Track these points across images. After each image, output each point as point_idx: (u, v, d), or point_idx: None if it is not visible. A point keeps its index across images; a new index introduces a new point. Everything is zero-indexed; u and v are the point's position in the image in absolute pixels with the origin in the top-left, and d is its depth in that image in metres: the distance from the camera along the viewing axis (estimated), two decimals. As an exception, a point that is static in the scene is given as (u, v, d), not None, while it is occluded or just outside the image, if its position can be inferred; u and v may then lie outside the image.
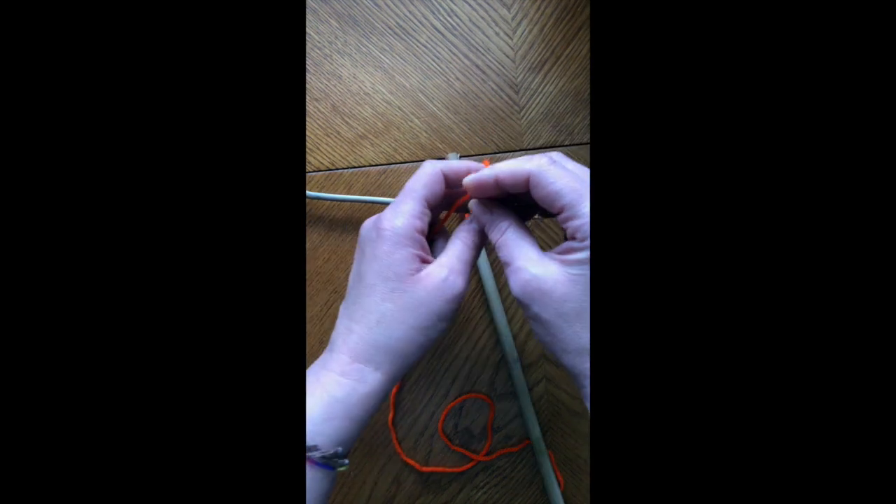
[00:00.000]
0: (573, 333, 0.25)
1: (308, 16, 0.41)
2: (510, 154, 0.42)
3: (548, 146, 0.42)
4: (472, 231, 0.30)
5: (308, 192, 0.40)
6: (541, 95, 0.42)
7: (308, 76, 0.41)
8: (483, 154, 0.42)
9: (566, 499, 0.42)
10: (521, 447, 0.42)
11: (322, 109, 0.41)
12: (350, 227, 0.41)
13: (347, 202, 0.41)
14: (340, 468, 0.28)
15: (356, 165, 0.41)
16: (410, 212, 0.28)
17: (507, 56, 0.41)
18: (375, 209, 0.41)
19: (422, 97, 0.41)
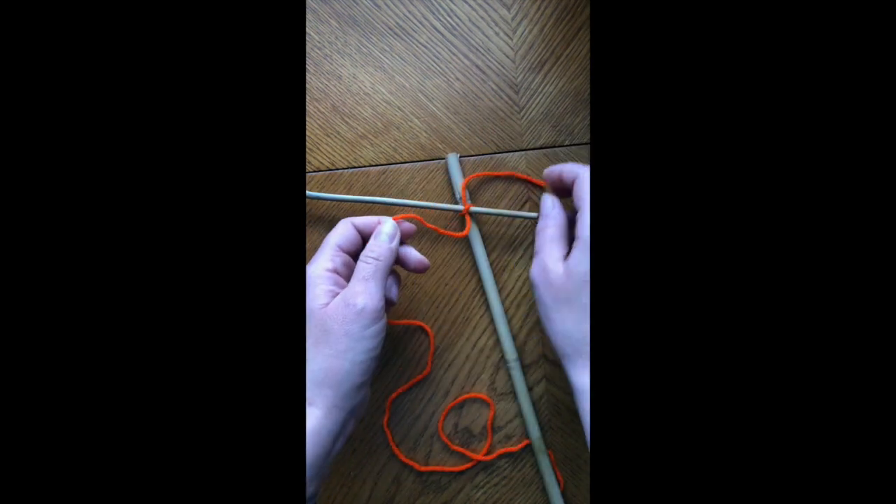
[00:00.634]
0: (560, 316, 0.31)
1: (308, 16, 0.41)
2: (510, 154, 0.42)
3: (548, 146, 0.42)
4: (371, 246, 0.33)
5: (308, 192, 0.40)
6: (541, 95, 0.42)
7: (308, 76, 0.41)
8: (483, 154, 0.42)
9: (566, 499, 0.42)
10: (521, 447, 0.42)
11: (322, 109, 0.41)
12: (350, 227, 0.41)
13: (347, 202, 0.41)
14: None
15: (356, 165, 0.41)
16: (322, 257, 0.32)
17: (507, 56, 0.41)
18: (375, 209, 0.41)
19: (422, 97, 0.41)
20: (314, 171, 0.41)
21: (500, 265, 0.42)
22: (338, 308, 0.30)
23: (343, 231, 0.34)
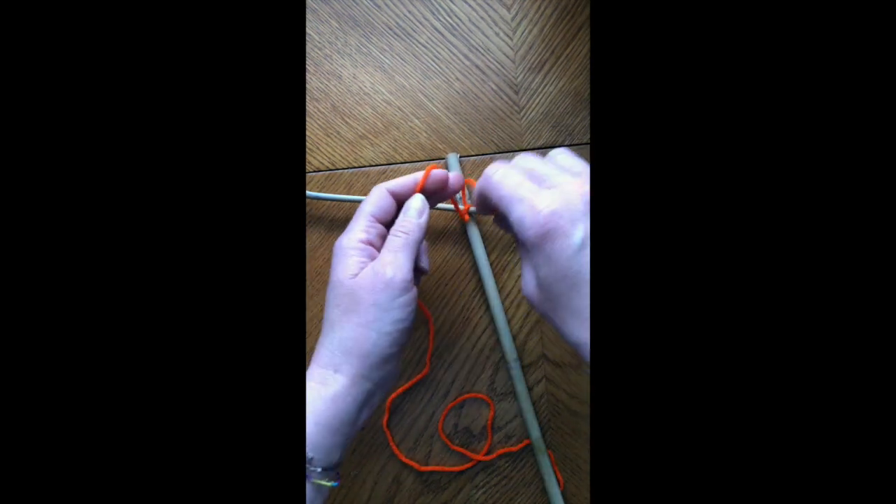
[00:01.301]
0: (557, 329, 0.26)
1: (308, 16, 0.41)
2: (510, 154, 0.42)
3: (548, 146, 0.42)
4: (401, 220, 0.32)
5: (308, 192, 0.40)
6: (541, 96, 0.42)
7: (308, 76, 0.41)
8: (483, 154, 0.42)
9: (566, 499, 0.42)
10: (521, 447, 0.42)
11: (322, 109, 0.41)
12: (350, 227, 0.41)
13: (347, 202, 0.41)
14: (320, 481, 0.28)
15: (356, 165, 0.41)
16: (356, 228, 0.32)
17: (507, 56, 0.41)
18: (375, 209, 0.41)
19: (422, 97, 0.41)
20: (314, 171, 0.41)
21: (500, 265, 0.42)
22: (367, 278, 0.30)
23: (377, 200, 0.33)
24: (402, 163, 0.42)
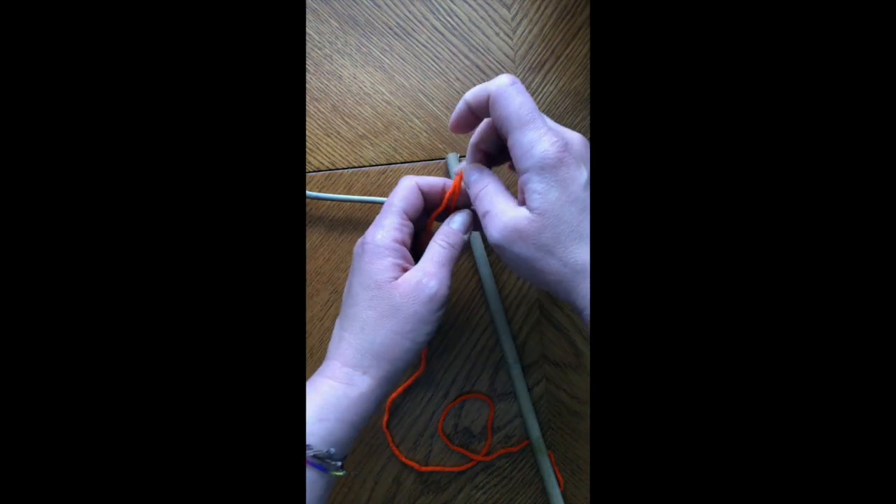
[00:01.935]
0: (555, 261, 0.27)
1: (308, 16, 0.41)
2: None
3: (548, 146, 0.42)
4: (448, 232, 0.32)
5: (308, 192, 0.40)
6: (541, 95, 0.42)
7: (308, 76, 0.41)
8: (483, 154, 0.41)
9: (566, 499, 0.42)
10: (521, 447, 0.42)
11: (322, 109, 0.41)
12: (350, 227, 0.41)
13: (347, 202, 0.41)
14: (335, 472, 0.29)
15: (356, 165, 0.41)
16: (390, 225, 0.31)
17: (507, 56, 0.41)
18: (375, 209, 0.41)
19: (422, 97, 0.41)
20: (314, 171, 0.41)
21: (501, 265, 0.42)
22: (409, 287, 0.29)
23: (409, 195, 0.31)
24: (402, 163, 0.41)
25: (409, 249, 0.32)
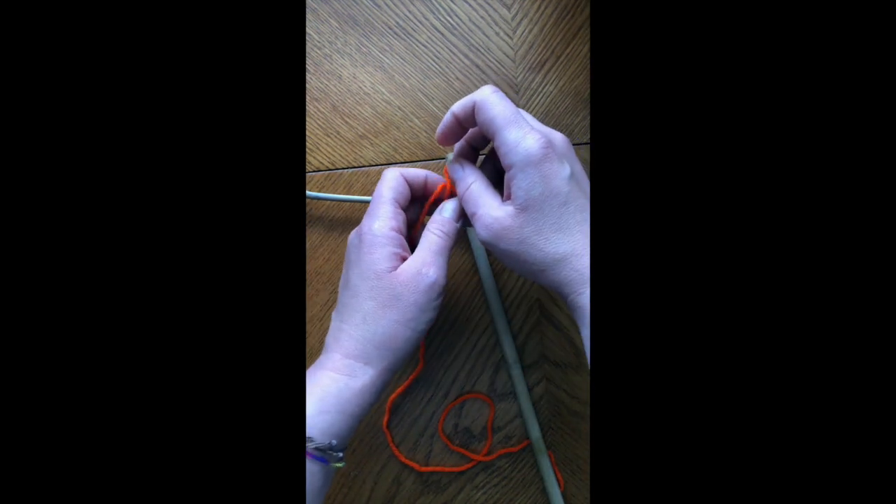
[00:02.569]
0: (536, 252, 0.29)
1: (308, 16, 0.41)
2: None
3: (548, 146, 0.42)
4: (441, 221, 0.32)
5: (308, 192, 0.40)
6: (541, 95, 0.42)
7: (308, 76, 0.41)
8: (483, 154, 0.41)
9: (566, 499, 0.42)
10: (521, 447, 0.42)
11: (322, 109, 0.41)
12: (350, 227, 0.41)
13: (347, 202, 0.41)
14: (335, 464, 0.29)
15: (356, 165, 0.41)
16: (385, 214, 0.31)
17: (507, 56, 0.41)
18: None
19: (422, 97, 0.41)
20: (314, 171, 0.41)
21: (501, 265, 0.42)
22: (409, 276, 0.30)
23: (397, 185, 0.32)
24: (402, 163, 0.41)
25: (405, 238, 0.32)
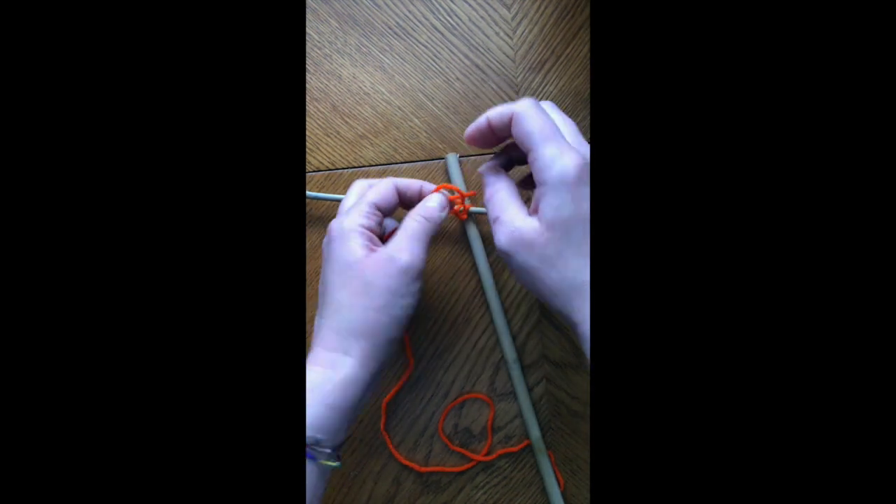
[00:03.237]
0: (555, 274, 0.28)
1: (308, 16, 0.41)
2: (510, 154, 0.42)
3: (548, 146, 0.42)
4: (422, 208, 0.32)
5: (308, 192, 0.40)
6: (541, 95, 0.42)
7: (308, 76, 0.41)
8: (483, 154, 0.42)
9: (566, 499, 0.42)
10: (521, 447, 0.42)
11: (322, 109, 0.41)
12: (350, 227, 0.41)
13: (347, 202, 0.41)
14: (327, 462, 0.28)
15: (356, 165, 0.41)
16: (355, 212, 0.31)
17: (507, 56, 0.41)
18: (375, 209, 0.41)
19: (422, 97, 0.41)
20: (314, 171, 0.41)
21: (501, 265, 0.42)
22: (380, 262, 0.30)
23: (384, 192, 0.32)
24: (402, 163, 0.41)
25: (378, 237, 0.32)
